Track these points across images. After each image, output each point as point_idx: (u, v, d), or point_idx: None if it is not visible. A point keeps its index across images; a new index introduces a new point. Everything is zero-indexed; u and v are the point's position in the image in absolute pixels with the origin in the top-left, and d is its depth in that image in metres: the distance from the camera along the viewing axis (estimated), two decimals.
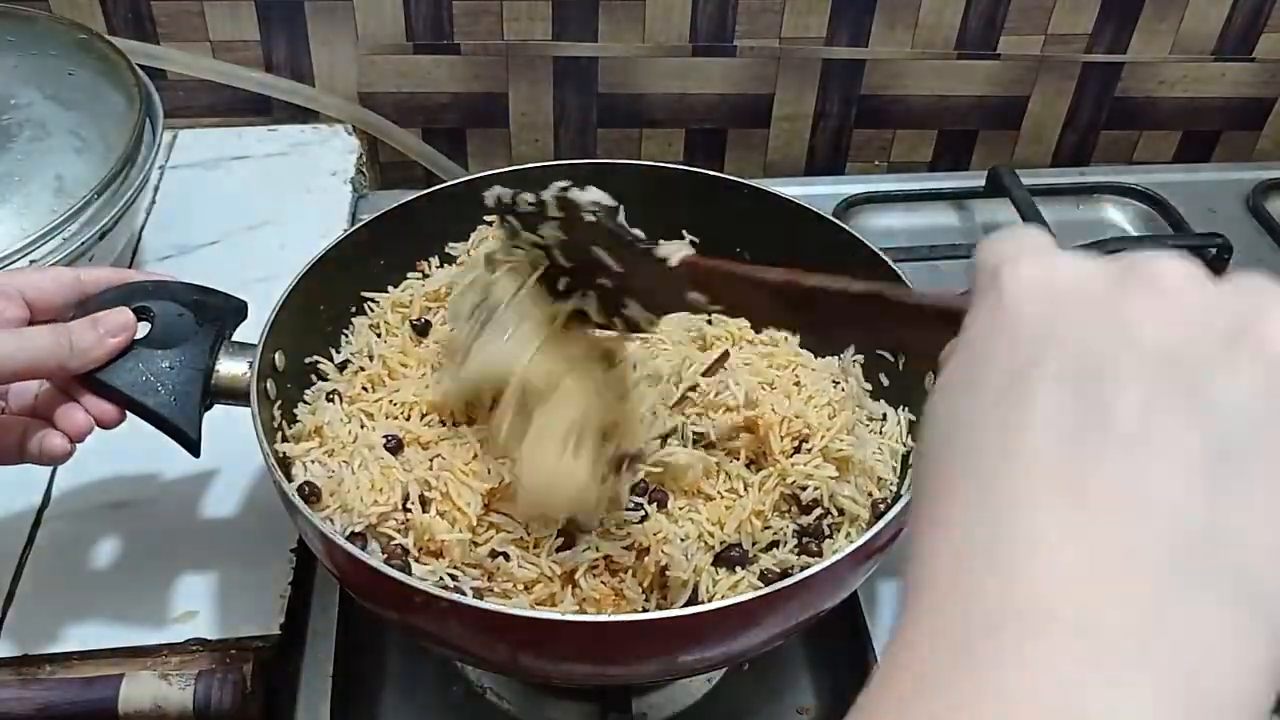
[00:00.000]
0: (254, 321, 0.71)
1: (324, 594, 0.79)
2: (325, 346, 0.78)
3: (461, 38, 1.16)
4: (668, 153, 1.26)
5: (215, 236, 1.04)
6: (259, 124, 1.19)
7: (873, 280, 0.47)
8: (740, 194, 0.84)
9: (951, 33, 1.19)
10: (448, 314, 0.75)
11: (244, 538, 0.79)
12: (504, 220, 0.65)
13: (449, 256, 0.84)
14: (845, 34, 1.18)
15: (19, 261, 0.80)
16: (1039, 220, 1.09)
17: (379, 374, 0.75)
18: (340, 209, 1.09)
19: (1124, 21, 1.20)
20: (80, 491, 0.82)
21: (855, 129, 1.26)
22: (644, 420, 0.67)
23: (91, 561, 0.78)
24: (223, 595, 0.76)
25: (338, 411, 0.72)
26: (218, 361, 0.68)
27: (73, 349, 0.63)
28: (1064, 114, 1.27)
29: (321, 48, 1.16)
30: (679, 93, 1.22)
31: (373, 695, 0.76)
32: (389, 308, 0.81)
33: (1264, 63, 1.25)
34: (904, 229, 1.16)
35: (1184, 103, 1.28)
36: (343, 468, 0.68)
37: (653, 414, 0.68)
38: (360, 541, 0.65)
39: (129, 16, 1.12)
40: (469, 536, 0.64)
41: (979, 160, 1.30)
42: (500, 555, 0.64)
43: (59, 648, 0.72)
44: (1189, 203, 1.17)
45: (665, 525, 0.66)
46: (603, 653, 0.55)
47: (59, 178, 0.86)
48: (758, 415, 0.71)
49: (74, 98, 0.93)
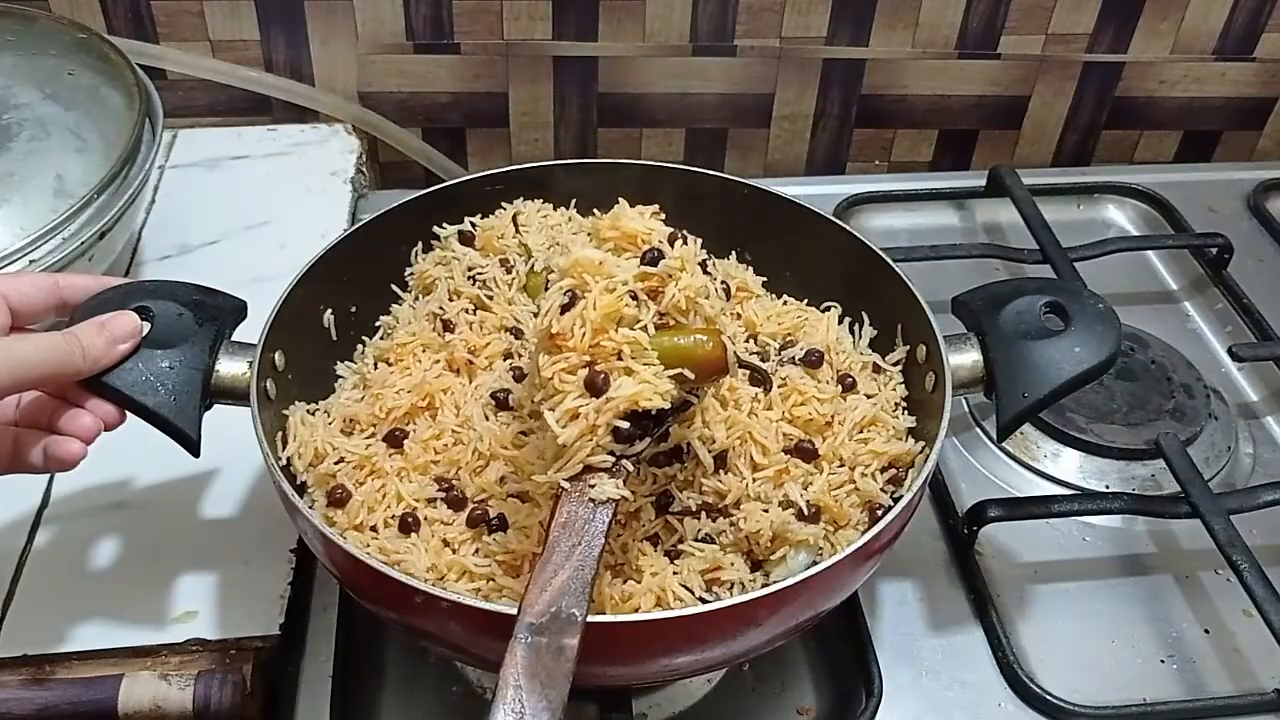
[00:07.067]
0: (254, 321, 0.71)
1: (324, 594, 0.79)
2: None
3: (461, 37, 1.16)
4: (668, 153, 1.26)
5: (215, 236, 1.04)
6: (259, 124, 1.19)
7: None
8: (740, 194, 0.84)
9: (952, 32, 1.19)
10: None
11: (244, 538, 0.79)
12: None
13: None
14: (846, 34, 1.18)
15: (19, 261, 0.80)
16: (1039, 220, 1.09)
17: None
18: (340, 209, 1.09)
19: (1125, 21, 1.20)
20: (80, 491, 0.82)
21: (855, 129, 1.26)
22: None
23: (91, 561, 0.78)
24: (223, 595, 0.76)
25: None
26: (218, 361, 0.68)
27: (85, 355, 0.62)
28: (1064, 114, 1.27)
29: (321, 47, 1.16)
30: (679, 93, 1.22)
31: (373, 695, 0.76)
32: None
33: (1264, 62, 1.25)
34: (904, 229, 1.17)
35: (1184, 102, 1.28)
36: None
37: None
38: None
39: (129, 16, 1.12)
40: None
41: (979, 160, 1.30)
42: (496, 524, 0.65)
43: (59, 648, 0.72)
44: (1189, 202, 1.17)
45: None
46: (603, 653, 0.55)
47: (59, 178, 0.86)
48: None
49: (74, 98, 0.93)
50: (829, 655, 0.79)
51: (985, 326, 0.72)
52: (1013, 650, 0.77)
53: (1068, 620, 0.81)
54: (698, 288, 0.61)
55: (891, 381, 0.76)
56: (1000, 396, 0.70)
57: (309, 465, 0.70)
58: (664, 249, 0.62)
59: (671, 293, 0.60)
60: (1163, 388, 0.95)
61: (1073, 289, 0.75)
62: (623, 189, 0.84)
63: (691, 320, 0.61)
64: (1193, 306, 1.09)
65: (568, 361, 0.59)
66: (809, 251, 0.83)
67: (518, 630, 0.53)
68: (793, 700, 0.77)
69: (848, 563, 0.61)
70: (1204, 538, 0.80)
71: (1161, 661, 0.79)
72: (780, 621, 0.62)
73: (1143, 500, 0.85)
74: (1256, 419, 0.97)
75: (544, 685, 0.51)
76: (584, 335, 0.59)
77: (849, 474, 0.70)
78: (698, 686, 0.77)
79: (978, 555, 0.84)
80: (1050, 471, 0.91)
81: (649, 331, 0.60)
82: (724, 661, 0.67)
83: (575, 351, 0.59)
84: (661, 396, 0.59)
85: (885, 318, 0.79)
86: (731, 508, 0.68)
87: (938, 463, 0.69)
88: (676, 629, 0.58)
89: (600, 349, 0.59)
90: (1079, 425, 0.92)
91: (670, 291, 0.60)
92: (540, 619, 0.54)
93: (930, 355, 0.73)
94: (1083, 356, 0.69)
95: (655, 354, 0.60)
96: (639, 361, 0.59)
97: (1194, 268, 1.11)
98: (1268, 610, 0.75)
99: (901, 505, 0.64)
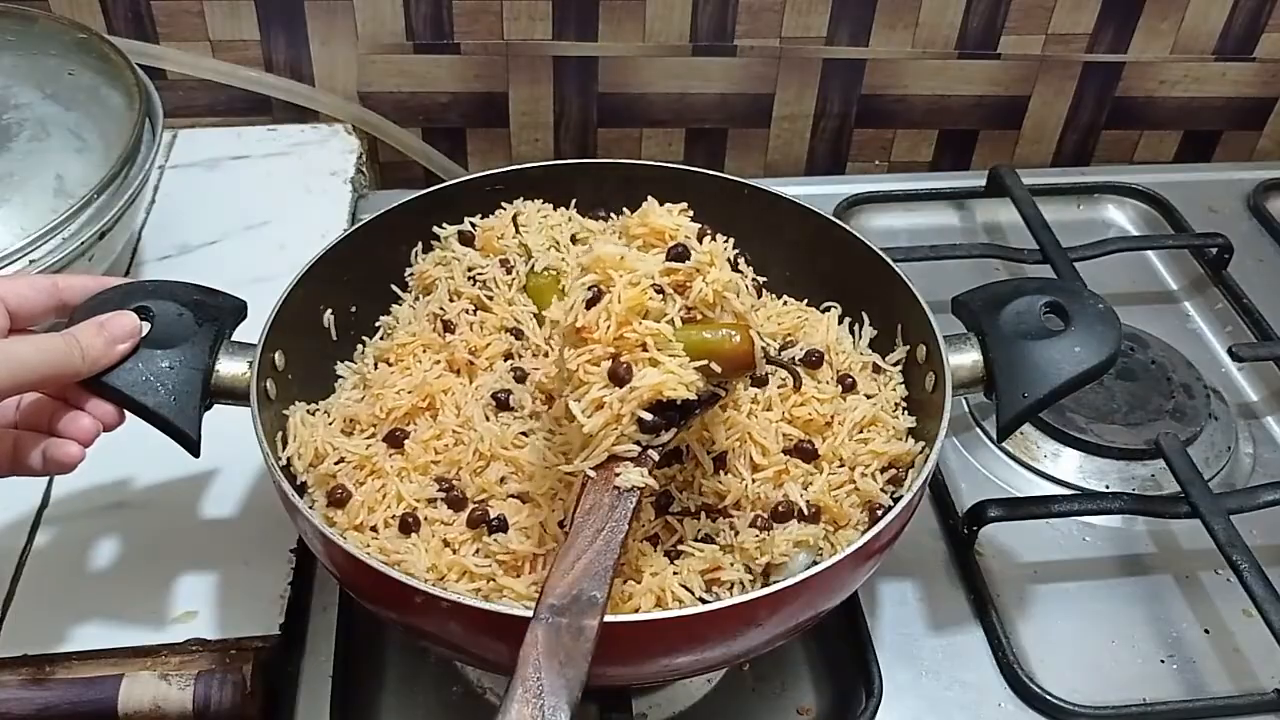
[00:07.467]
0: (254, 321, 0.71)
1: (324, 594, 0.79)
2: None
3: (461, 37, 1.16)
4: (668, 153, 1.26)
5: (215, 236, 1.04)
6: (259, 124, 1.19)
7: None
8: (740, 194, 0.84)
9: (952, 32, 1.19)
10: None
11: (244, 538, 0.79)
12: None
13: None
14: (845, 34, 1.18)
15: (19, 261, 0.80)
16: (1039, 220, 1.09)
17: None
18: (340, 209, 1.09)
19: (1125, 21, 1.20)
20: (80, 491, 0.82)
21: (855, 129, 1.26)
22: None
23: (91, 561, 0.78)
24: (223, 595, 0.76)
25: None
26: (217, 361, 0.68)
27: (84, 356, 0.62)
28: (1064, 114, 1.27)
29: (321, 47, 1.16)
30: (679, 93, 1.22)
31: (373, 695, 0.76)
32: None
33: (1264, 62, 1.25)
34: (904, 229, 1.17)
35: (1184, 102, 1.28)
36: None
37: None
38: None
39: (129, 16, 1.12)
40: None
41: (979, 160, 1.30)
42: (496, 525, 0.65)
43: (59, 648, 0.72)
44: (1189, 202, 1.17)
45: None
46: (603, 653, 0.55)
47: (59, 178, 0.86)
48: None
49: (74, 98, 0.93)
50: (829, 655, 0.79)
51: (985, 326, 0.72)
52: (1013, 650, 0.77)
53: (1068, 620, 0.81)
54: (725, 282, 0.62)
55: (891, 381, 0.76)
56: (1000, 396, 0.70)
57: (309, 465, 0.70)
58: (691, 245, 0.62)
59: (699, 287, 0.61)
60: (1163, 388, 0.95)
61: (1073, 289, 0.75)
62: (622, 189, 0.84)
63: (719, 316, 0.62)
64: (1193, 306, 1.09)
65: (592, 353, 0.60)
66: (809, 251, 0.83)
67: (539, 611, 0.54)
68: (793, 700, 0.77)
69: (848, 563, 0.61)
70: (1204, 538, 0.80)
71: (1161, 661, 0.79)
72: (780, 621, 0.62)
73: (1143, 500, 0.85)
74: (1256, 419, 0.97)
75: (563, 664, 0.52)
76: (608, 328, 0.59)
77: (849, 474, 0.70)
78: (698, 686, 0.77)
79: (978, 555, 0.84)
80: (1050, 471, 0.91)
81: (675, 325, 0.60)
82: (724, 661, 0.67)
83: (600, 343, 0.60)
84: (686, 387, 0.59)
85: (885, 318, 0.79)
86: (731, 508, 0.68)
87: (938, 463, 0.69)
88: (676, 629, 0.58)
89: (625, 341, 0.60)
90: (1079, 425, 0.92)
91: (697, 286, 0.61)
92: (562, 600, 0.54)
93: (930, 355, 0.73)
94: (1083, 356, 0.69)
95: (681, 346, 0.60)
96: (664, 353, 0.60)
97: (1194, 268, 1.11)
98: (1268, 610, 0.75)
99: (901, 505, 0.64)
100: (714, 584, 0.65)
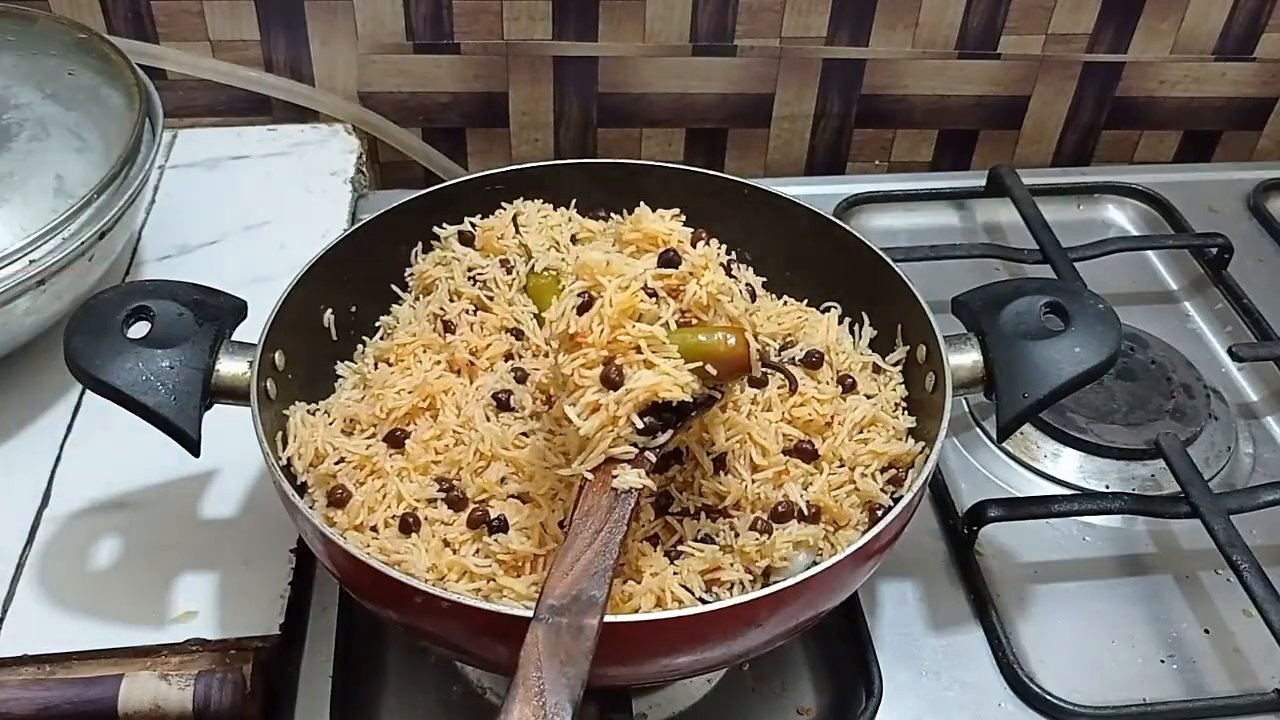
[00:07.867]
0: (254, 321, 0.71)
1: (324, 594, 0.79)
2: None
3: (461, 37, 1.16)
4: (668, 153, 1.26)
5: (215, 236, 1.04)
6: (259, 124, 1.19)
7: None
8: (740, 194, 0.84)
9: (952, 32, 1.19)
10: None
11: (244, 538, 0.79)
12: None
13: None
14: (845, 34, 1.18)
15: (19, 261, 0.80)
16: (1039, 220, 1.09)
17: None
18: (340, 209, 1.09)
19: (1125, 21, 1.20)
20: (80, 491, 0.82)
21: (855, 129, 1.26)
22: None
23: (91, 561, 0.78)
24: (223, 595, 0.76)
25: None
26: (218, 361, 0.68)
27: None
28: (1065, 114, 1.27)
29: (321, 47, 1.16)
30: (679, 93, 1.22)
31: (373, 695, 0.76)
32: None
33: (1264, 63, 1.25)
34: (904, 229, 1.17)
35: (1184, 102, 1.28)
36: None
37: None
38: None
39: (129, 16, 1.12)
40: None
41: (979, 160, 1.30)
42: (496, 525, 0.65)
43: (59, 648, 0.72)
44: (1189, 203, 1.17)
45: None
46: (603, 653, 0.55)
47: (59, 178, 0.86)
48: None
49: (74, 98, 0.93)
50: (829, 655, 0.79)
51: (985, 326, 0.72)
52: (1013, 650, 0.77)
53: (1068, 620, 0.81)
54: (719, 285, 0.62)
55: (891, 382, 0.77)
56: (1000, 397, 0.70)
57: (309, 465, 0.70)
58: (684, 249, 0.63)
59: (693, 290, 0.61)
60: (1163, 388, 0.95)
61: (1073, 289, 0.75)
62: (622, 189, 0.84)
63: (713, 319, 0.62)
64: (1193, 306, 1.09)
65: (586, 357, 0.60)
66: (809, 251, 0.83)
67: (539, 612, 0.54)
68: (793, 700, 0.77)
69: (848, 563, 0.61)
70: (1204, 538, 0.80)
71: (1161, 661, 0.79)
72: (780, 621, 0.62)
73: (1143, 500, 0.85)
74: (1256, 419, 0.97)
75: (564, 664, 0.52)
76: (602, 331, 0.60)
77: (849, 474, 0.70)
78: (698, 686, 0.77)
79: (978, 555, 0.84)
80: (1050, 471, 0.91)
81: (670, 328, 0.61)
82: (724, 661, 0.67)
83: (594, 347, 0.60)
84: (681, 389, 0.60)
85: (885, 318, 0.79)
86: (731, 509, 0.68)
87: (938, 463, 0.69)
88: (676, 629, 0.58)
89: (618, 344, 0.60)
90: (1079, 425, 0.92)
91: (691, 289, 0.61)
92: (561, 600, 0.54)
93: (930, 355, 0.73)
94: (1083, 357, 0.70)
95: (675, 349, 0.60)
96: (658, 355, 0.60)
97: (1194, 268, 1.11)
98: (1268, 610, 0.75)
99: (901, 505, 0.64)
100: (714, 584, 0.65)
